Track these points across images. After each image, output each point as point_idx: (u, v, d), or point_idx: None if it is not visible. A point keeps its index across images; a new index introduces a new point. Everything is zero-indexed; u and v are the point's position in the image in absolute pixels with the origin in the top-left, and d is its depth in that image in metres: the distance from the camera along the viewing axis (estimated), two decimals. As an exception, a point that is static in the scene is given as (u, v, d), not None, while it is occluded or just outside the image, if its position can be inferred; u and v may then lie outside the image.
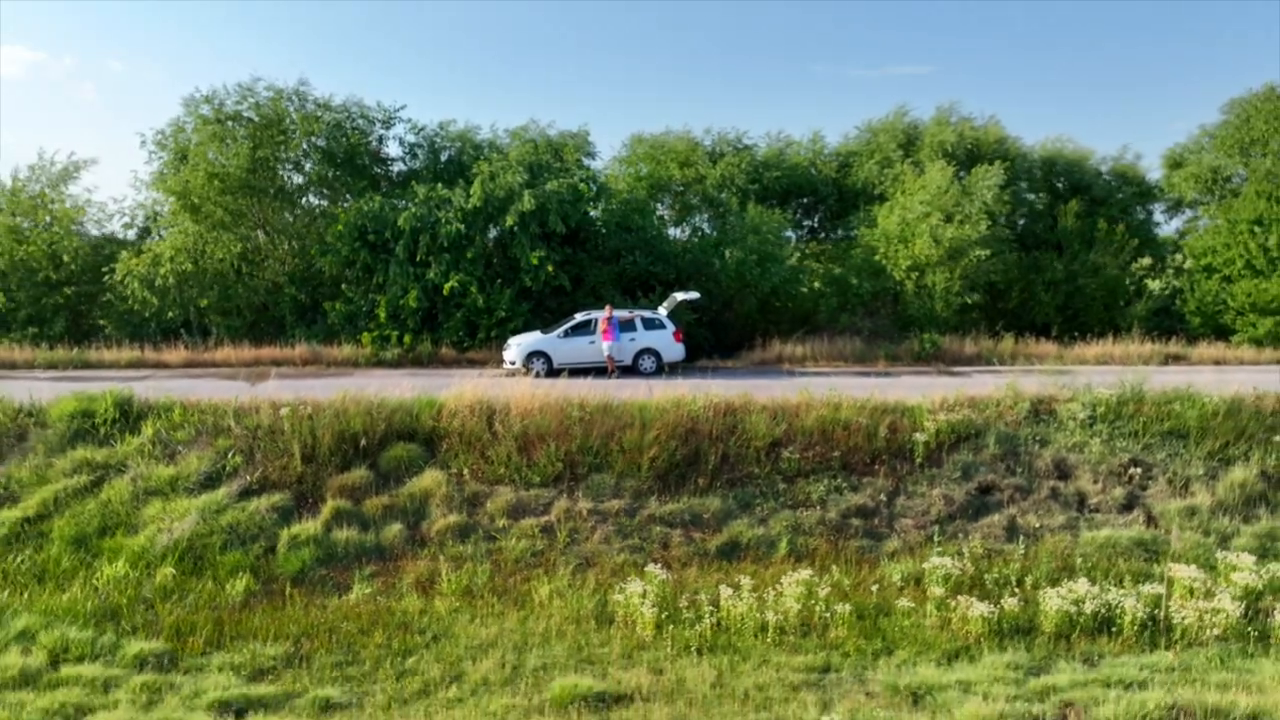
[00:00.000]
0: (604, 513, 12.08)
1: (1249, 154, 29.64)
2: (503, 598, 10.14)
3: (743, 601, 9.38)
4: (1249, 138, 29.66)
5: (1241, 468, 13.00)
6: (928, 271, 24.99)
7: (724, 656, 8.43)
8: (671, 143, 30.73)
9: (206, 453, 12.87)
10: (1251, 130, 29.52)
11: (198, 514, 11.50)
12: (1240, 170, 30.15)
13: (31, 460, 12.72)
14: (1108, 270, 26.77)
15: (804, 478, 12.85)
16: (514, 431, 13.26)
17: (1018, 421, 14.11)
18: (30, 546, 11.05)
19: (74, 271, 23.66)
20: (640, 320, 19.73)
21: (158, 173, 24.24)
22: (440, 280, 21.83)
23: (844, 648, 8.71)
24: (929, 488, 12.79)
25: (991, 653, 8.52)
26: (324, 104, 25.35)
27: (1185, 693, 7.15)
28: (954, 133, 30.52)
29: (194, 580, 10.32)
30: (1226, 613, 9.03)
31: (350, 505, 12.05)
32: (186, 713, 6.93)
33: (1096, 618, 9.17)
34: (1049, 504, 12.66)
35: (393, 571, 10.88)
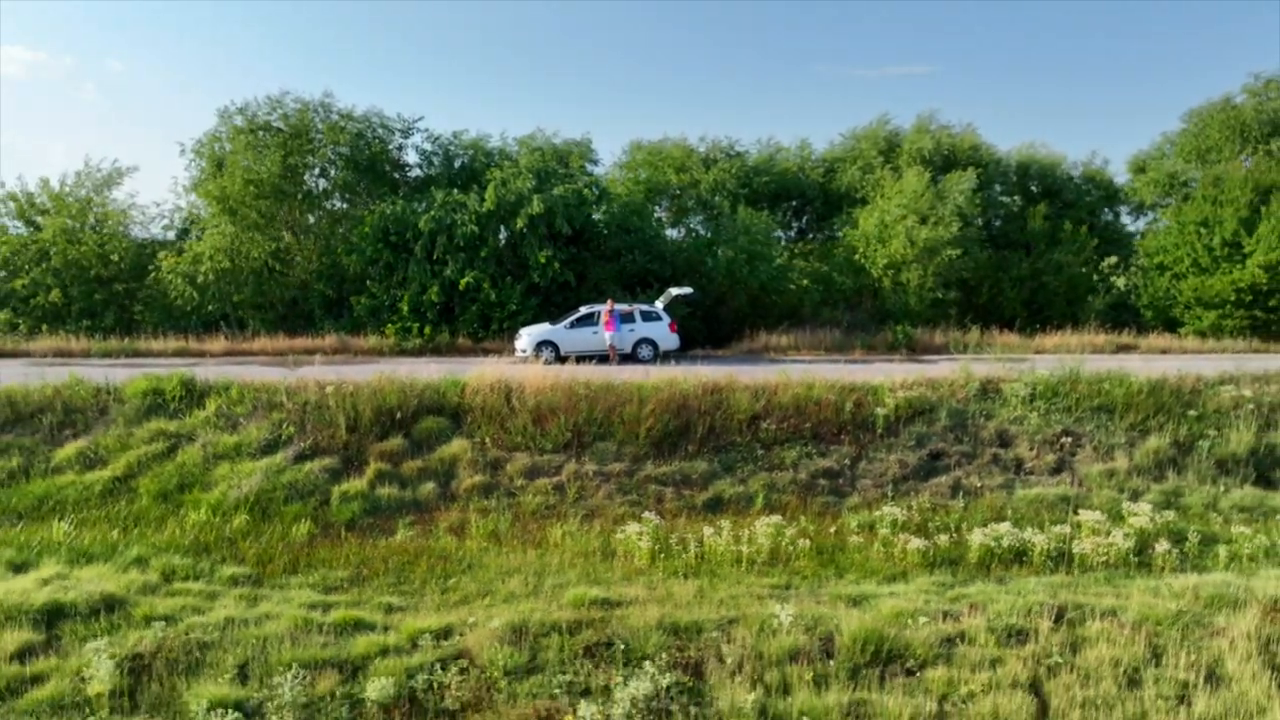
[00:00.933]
0: (607, 474, 13.91)
1: (1205, 160, 31.49)
2: (523, 540, 11.95)
3: (722, 540, 11.19)
4: (1204, 145, 31.53)
5: (1157, 437, 14.84)
6: (903, 269, 26.81)
7: (705, 579, 10.24)
8: (668, 149, 32.57)
9: (263, 424, 14.70)
10: (1206, 139, 31.37)
11: (261, 474, 13.33)
12: (1196, 175, 31.97)
13: (114, 430, 14.53)
14: (1070, 268, 28.61)
15: (779, 445, 14.68)
16: (529, 406, 15.08)
17: (967, 398, 15.95)
18: (123, 499, 12.88)
19: (121, 269, 25.48)
20: (639, 313, 21.55)
21: (196, 179, 26.07)
22: (457, 277, 23.66)
23: (803, 573, 10.52)
24: (887, 454, 14.62)
25: (923, 576, 10.33)
26: (347, 114, 27.18)
27: (1064, 595, 8.98)
28: (932, 140, 32.35)
29: (264, 525, 12.13)
30: (1118, 546, 10.85)
31: (390, 467, 13.87)
32: (283, 606, 8.73)
33: (1013, 550, 10.99)
34: (990, 468, 14.49)
35: (429, 520, 12.69)
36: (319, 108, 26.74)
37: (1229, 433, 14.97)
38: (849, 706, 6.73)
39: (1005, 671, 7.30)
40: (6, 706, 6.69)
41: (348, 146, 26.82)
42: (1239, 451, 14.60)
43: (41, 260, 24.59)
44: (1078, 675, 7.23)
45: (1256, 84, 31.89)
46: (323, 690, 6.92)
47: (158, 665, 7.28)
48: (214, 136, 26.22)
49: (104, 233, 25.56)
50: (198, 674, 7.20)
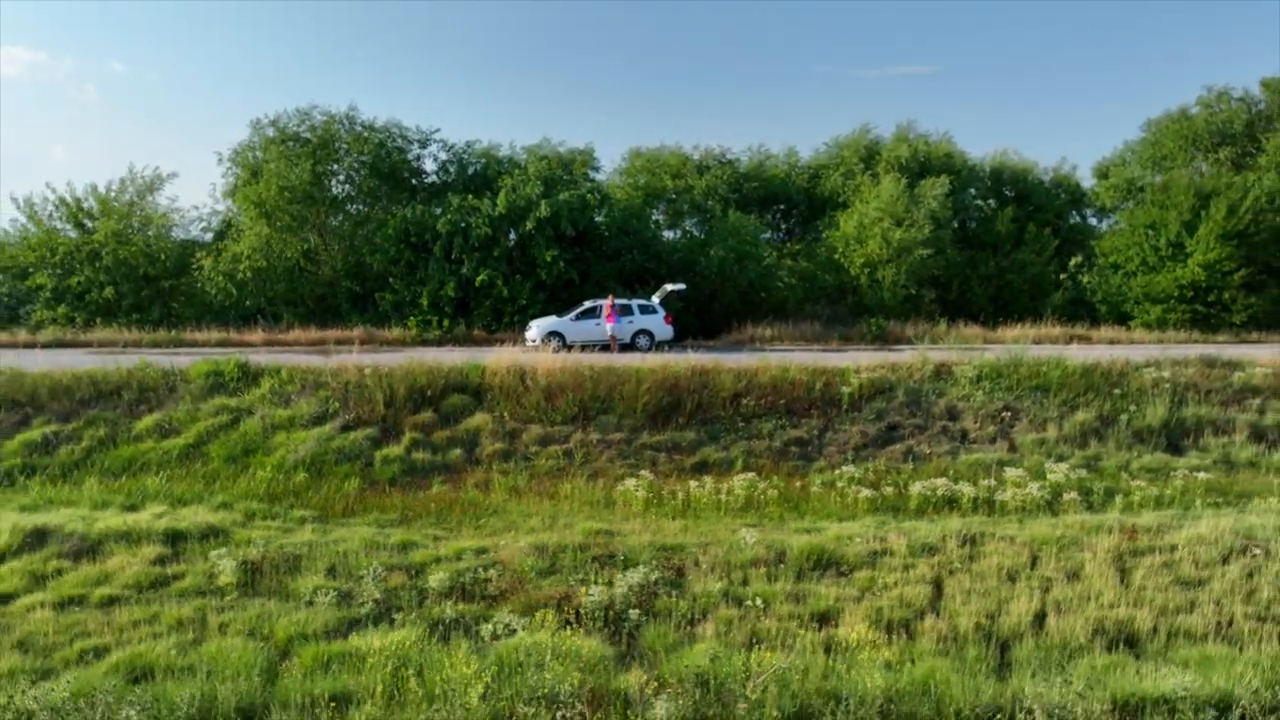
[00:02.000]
0: (608, 442, 15.95)
1: (1161, 167, 33.53)
2: (538, 493, 13.99)
3: (705, 492, 13.24)
4: (1160, 153, 33.56)
5: (1084, 411, 16.89)
6: (879, 268, 28.85)
7: (690, 519, 12.29)
8: (665, 157, 34.61)
9: (312, 400, 16.75)
10: (1162, 147, 33.40)
11: (314, 441, 15.38)
12: (1155, 180, 33.98)
13: (183, 406, 16.57)
14: (1034, 267, 30.64)
15: (758, 418, 16.72)
16: (540, 386, 17.13)
17: (923, 379, 18.00)
18: (198, 462, 14.92)
19: (166, 267, 27.50)
20: (637, 306, 23.58)
21: (233, 185, 28.10)
22: (472, 274, 25.69)
23: (771, 515, 12.56)
24: (850, 426, 16.67)
25: (869, 517, 12.37)
26: (369, 126, 29.20)
27: (977, 527, 11.02)
28: (909, 148, 34.38)
29: (319, 481, 14.17)
30: (1033, 496, 12.90)
31: (422, 436, 15.91)
32: (351, 533, 10.78)
33: (945, 499, 13.03)
34: (939, 437, 16.54)
35: (458, 479, 14.74)
36: (344, 120, 28.76)
37: (1146, 408, 17.03)
38: (792, 592, 8.77)
39: (916, 573, 9.34)
40: (161, 593, 8.73)
41: (370, 155, 28.84)
42: (1154, 423, 16.66)
43: (94, 260, 26.59)
44: (970, 575, 9.28)
45: (1209, 96, 33.93)
46: (394, 584, 8.97)
47: (265, 567, 9.33)
48: (249, 146, 28.27)
49: (150, 234, 27.58)
50: (297, 572, 9.26)
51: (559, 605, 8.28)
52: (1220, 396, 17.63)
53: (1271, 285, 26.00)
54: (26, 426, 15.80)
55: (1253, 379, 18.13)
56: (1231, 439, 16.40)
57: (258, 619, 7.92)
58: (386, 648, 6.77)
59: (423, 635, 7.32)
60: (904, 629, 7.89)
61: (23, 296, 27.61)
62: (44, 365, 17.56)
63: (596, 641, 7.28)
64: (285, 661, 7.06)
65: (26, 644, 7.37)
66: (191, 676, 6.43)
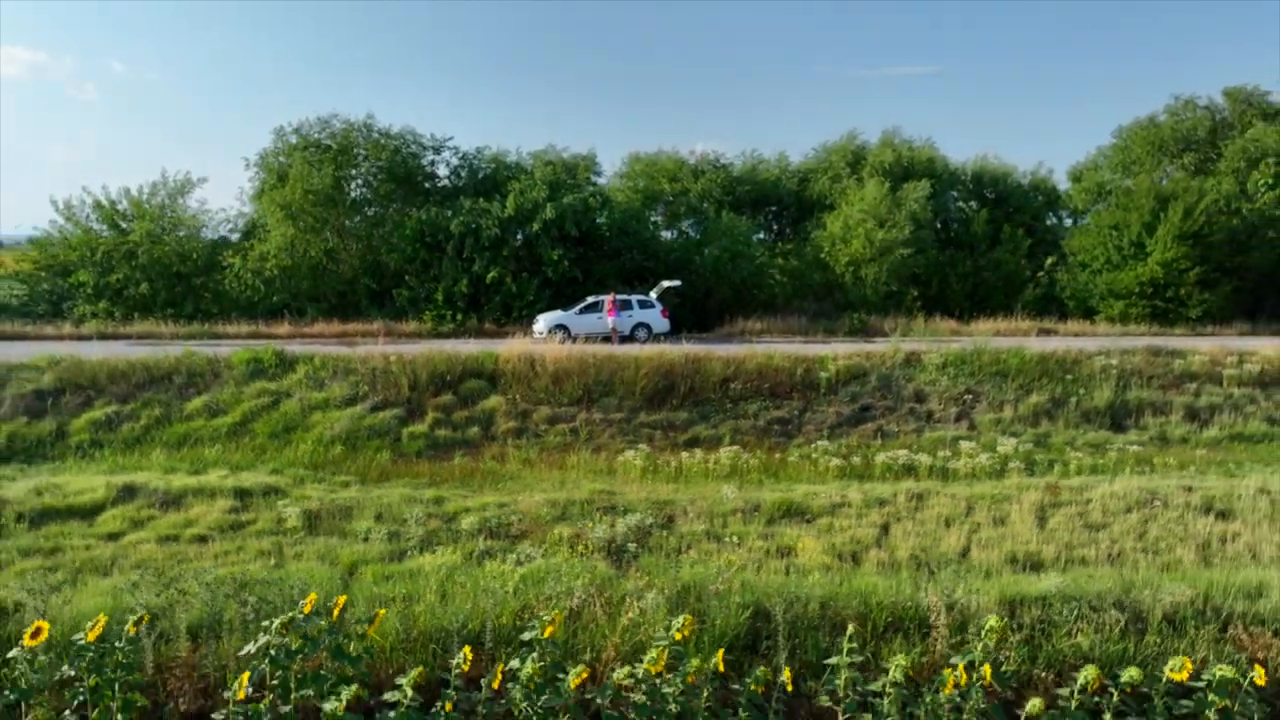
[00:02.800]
0: (610, 420, 17.63)
1: (1130, 171, 35.16)
2: (548, 464, 15.65)
3: (695, 461, 14.91)
4: (1130, 158, 35.18)
5: (1038, 394, 18.56)
6: (863, 266, 30.51)
7: (681, 483, 13.94)
8: (662, 161, 36.25)
9: (343, 384, 18.41)
10: (1131, 152, 35.02)
11: (347, 419, 17.04)
12: (1126, 183, 35.61)
13: (228, 389, 18.23)
14: (1008, 265, 32.28)
15: (744, 400, 18.39)
16: (549, 371, 18.78)
17: (894, 366, 19.66)
18: (245, 437, 16.58)
19: (197, 265, 29.14)
20: (636, 302, 25.22)
21: (259, 189, 29.75)
22: (483, 272, 27.35)
23: (752, 481, 14.21)
24: (828, 407, 18.34)
25: (836, 481, 14.03)
26: (386, 133, 30.84)
27: (926, 486, 12.67)
28: (893, 153, 36.01)
29: (354, 454, 15.83)
30: (983, 464, 14.55)
31: (443, 416, 17.58)
32: (390, 491, 12.43)
33: (906, 467, 14.69)
34: (907, 417, 18.20)
35: (476, 453, 16.39)
36: (362, 128, 30.40)
37: (1095, 391, 18.70)
38: (763, 532, 10.42)
39: (868, 520, 11.00)
40: (240, 533, 10.39)
41: (386, 161, 30.47)
42: (1100, 405, 18.33)
43: (130, 259, 28.21)
44: (914, 521, 10.94)
45: (1176, 104, 35.56)
46: (432, 527, 10.62)
47: (322, 514, 10.99)
48: (274, 152, 29.91)
49: (181, 235, 29.22)
50: (349, 518, 10.91)
51: (571, 542, 9.93)
52: (1161, 381, 19.30)
53: (1224, 283, 27.63)
54: (90, 407, 17.46)
55: (1191, 366, 19.79)
56: (1168, 418, 18.06)
57: (324, 549, 9.58)
58: (435, 565, 8.43)
59: (463, 559, 8.99)
60: (852, 558, 9.55)
61: (64, 293, 29.22)
62: (96, 355, 19.23)
63: (602, 564, 8.94)
64: (352, 577, 8.72)
65: (142, 566, 9.03)
66: (282, 584, 8.08)
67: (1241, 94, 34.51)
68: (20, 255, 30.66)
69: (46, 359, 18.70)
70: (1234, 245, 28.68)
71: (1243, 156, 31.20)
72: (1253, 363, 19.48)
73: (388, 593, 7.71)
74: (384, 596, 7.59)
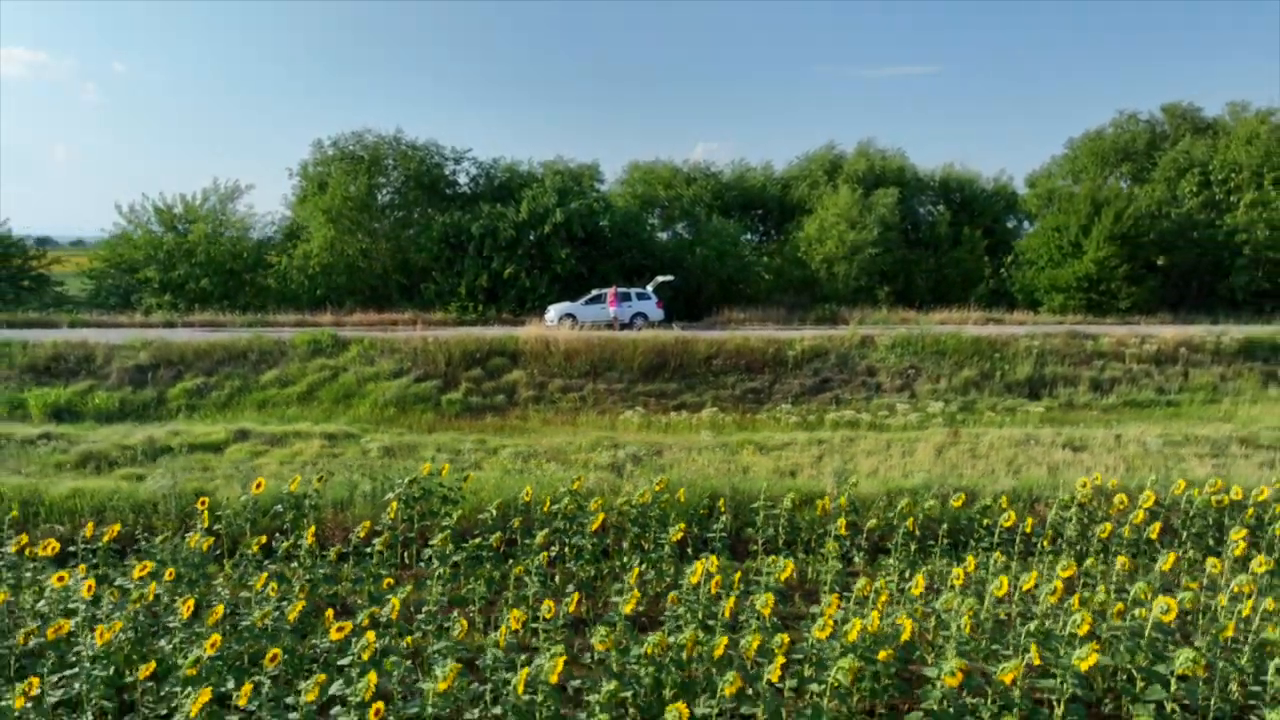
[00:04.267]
0: (612, 390, 20.78)
1: (1078, 179, 38.23)
2: (562, 422, 18.80)
3: (682, 418, 18.07)
4: (1078, 167, 38.26)
5: (969, 369, 21.70)
6: (835, 263, 33.61)
7: (670, 434, 17.10)
8: (659, 170, 39.32)
9: (390, 361, 21.55)
10: (1079, 162, 38.12)
11: (396, 388, 20.20)
12: (1075, 190, 38.66)
13: (293, 365, 21.37)
14: (966, 263, 35.38)
15: (724, 374, 21.53)
16: (561, 351, 21.93)
17: (851, 347, 22.80)
18: (312, 403, 19.72)
19: (247, 262, 32.26)
20: (635, 294, 28.32)
21: (301, 195, 32.88)
22: (500, 269, 30.46)
23: (728, 431, 17.37)
24: (793, 379, 21.49)
25: (799, 432, 17.17)
26: (412, 145, 33.89)
27: (861, 433, 15.82)
28: (867, 162, 39.09)
29: (404, 414, 18.98)
30: (911, 421, 17.71)
31: (474, 386, 20.73)
32: (442, 437, 15.56)
33: (850, 423, 17.84)
34: (859, 388, 21.35)
35: (503, 415, 19.54)
36: (391, 141, 33.50)
37: (1017, 367, 21.84)
38: (727, 457, 13.58)
39: (808, 452, 14.15)
40: (335, 460, 13.54)
41: (413, 170, 33.57)
42: (1021, 378, 21.48)
43: (189, 257, 31.34)
44: (842, 453, 14.09)
45: (1121, 118, 38.67)
46: (479, 456, 13.78)
47: (395, 449, 14.16)
48: (315, 162, 33.03)
49: (233, 236, 32.35)
50: (416, 452, 14.07)
51: (583, 464, 13.09)
52: (1074, 359, 22.44)
53: (1150, 278, 30.73)
54: (181, 379, 20.62)
55: (1101, 347, 22.93)
56: (1076, 389, 21.22)
57: (405, 467, 12.72)
58: (493, 467, 11.58)
59: (510, 468, 12.16)
60: (790, 473, 12.70)
61: (129, 287, 32.33)
62: (179, 338, 22.39)
63: (608, 474, 12.08)
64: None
65: (274, 475, 12.17)
66: (390, 470, 11.23)
67: (1178, 109, 37.60)
68: (92, 254, 33.77)
69: (140, 341, 21.87)
70: (1162, 245, 31.79)
71: (1174, 166, 34.27)
72: (1151, 344, 22.63)
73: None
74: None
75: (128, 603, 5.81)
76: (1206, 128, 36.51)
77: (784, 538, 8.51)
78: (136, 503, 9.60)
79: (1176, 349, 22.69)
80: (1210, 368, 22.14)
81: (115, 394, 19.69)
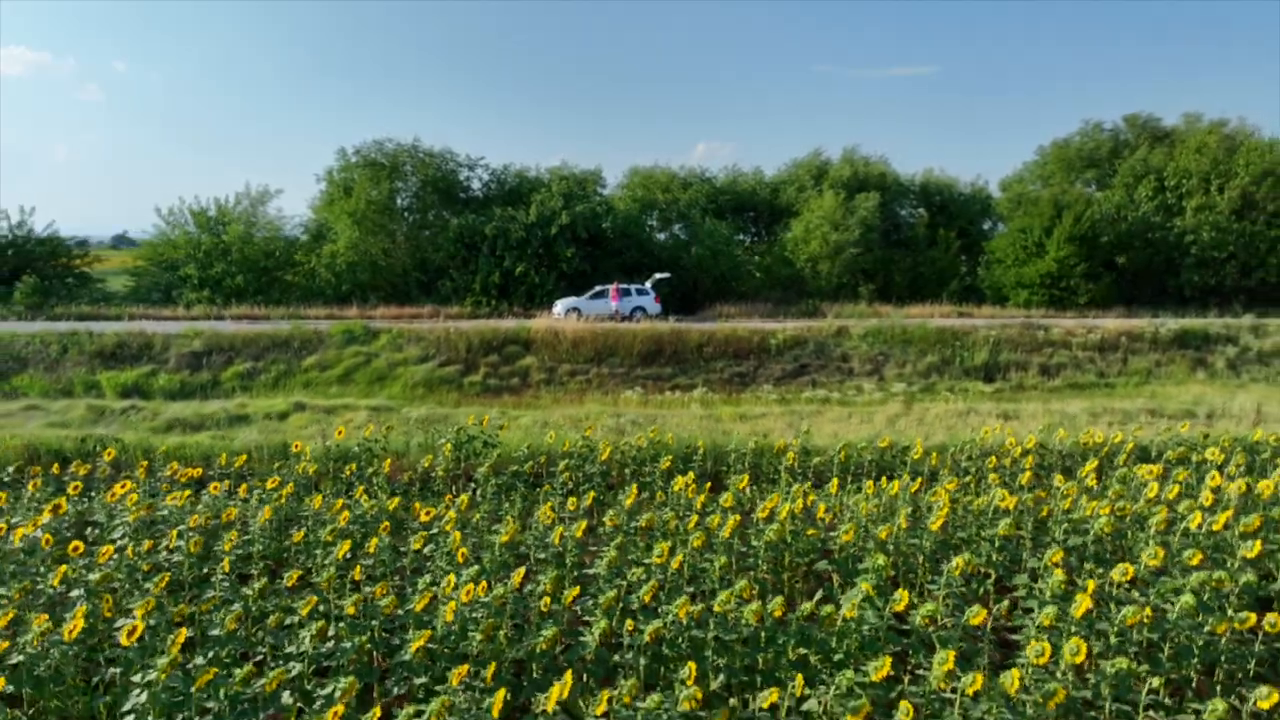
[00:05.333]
0: (614, 374, 23.00)
1: (1047, 184, 40.38)
2: (570, 401, 21.03)
3: (675, 397, 20.29)
4: (1047, 173, 40.43)
5: (932, 356, 23.92)
6: (819, 262, 35.80)
7: (666, 408, 19.33)
8: (657, 175, 41.50)
9: (416, 348, 23.78)
10: (1048, 168, 40.27)
11: (424, 372, 22.43)
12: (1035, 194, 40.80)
13: (330, 351, 23.59)
14: (940, 261, 37.57)
15: (714, 360, 23.75)
16: (569, 339, 24.15)
17: (828, 336, 25.02)
18: (350, 384, 21.95)
19: (278, 260, 34.48)
20: (634, 290, 30.51)
21: (329, 199, 35.09)
22: (511, 267, 32.66)
23: (717, 409, 19.59)
24: (775, 365, 23.71)
25: (776, 406, 19.39)
26: (429, 153, 36.06)
27: (829, 406, 18.05)
28: (851, 168, 41.24)
29: (431, 394, 21.21)
30: (876, 399, 19.92)
31: (492, 370, 22.95)
32: (472, 410, 17.76)
33: (822, 400, 20.07)
34: (834, 372, 23.58)
35: (518, 394, 21.76)
36: (410, 149, 35.69)
37: (975, 354, 24.06)
38: (712, 425, 15.80)
39: (782, 420, 16.37)
40: (384, 426, 15.74)
41: (430, 176, 35.77)
42: (978, 364, 23.70)
43: (225, 255, 33.56)
44: (812, 421, 16.31)
45: (1087, 127, 40.85)
46: (500, 422, 15.99)
47: (430, 419, 16.37)
48: (340, 169, 35.24)
49: (266, 237, 34.56)
50: (448, 420, 16.28)
51: (591, 427, 15.28)
52: (1026, 347, 24.66)
53: (1106, 276, 32.93)
54: (232, 364, 22.84)
55: (1051, 336, 25.15)
56: (1026, 373, 23.44)
57: (442, 430, 14.94)
58: (516, 429, 13.80)
59: (531, 430, 14.38)
60: (764, 436, 14.90)
61: (169, 283, 34.54)
62: (228, 329, 24.60)
63: (612, 433, 14.29)
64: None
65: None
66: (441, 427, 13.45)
67: (1139, 120, 39.77)
68: (135, 254, 36.00)
69: (194, 331, 24.10)
70: (1119, 245, 33.98)
71: (1132, 173, 36.41)
72: (1096, 334, 24.85)
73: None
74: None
75: (268, 501, 8.06)
76: (1164, 136, 38.68)
77: (750, 475, 10.73)
78: (233, 450, 11.82)
79: (1118, 338, 24.91)
80: (1147, 355, 24.37)
81: (175, 376, 21.92)
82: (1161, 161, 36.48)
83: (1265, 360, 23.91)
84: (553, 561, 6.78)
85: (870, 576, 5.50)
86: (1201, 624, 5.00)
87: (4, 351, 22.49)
